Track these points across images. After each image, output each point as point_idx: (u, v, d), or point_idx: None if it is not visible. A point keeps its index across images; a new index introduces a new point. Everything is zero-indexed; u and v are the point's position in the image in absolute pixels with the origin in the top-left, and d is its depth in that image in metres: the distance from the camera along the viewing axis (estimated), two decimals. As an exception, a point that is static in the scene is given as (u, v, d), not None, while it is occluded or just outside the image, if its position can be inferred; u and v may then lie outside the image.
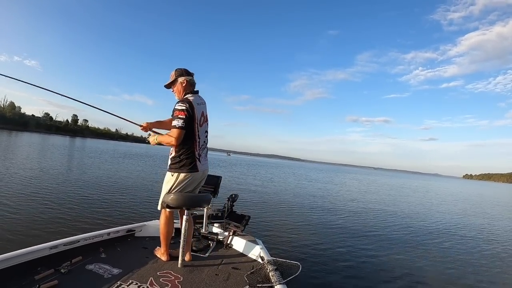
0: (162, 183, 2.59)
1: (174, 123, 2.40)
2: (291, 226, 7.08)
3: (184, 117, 2.39)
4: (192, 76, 2.63)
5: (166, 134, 2.56)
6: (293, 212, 8.98)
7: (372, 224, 8.50)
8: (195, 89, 2.64)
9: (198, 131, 2.53)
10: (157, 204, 2.61)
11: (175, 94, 2.62)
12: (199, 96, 2.62)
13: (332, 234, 6.71)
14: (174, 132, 2.40)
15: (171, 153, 2.56)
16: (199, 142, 2.56)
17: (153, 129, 2.74)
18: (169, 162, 2.56)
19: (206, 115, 2.65)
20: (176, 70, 2.60)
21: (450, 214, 12.87)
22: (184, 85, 2.57)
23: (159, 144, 2.58)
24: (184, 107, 2.41)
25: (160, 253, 2.65)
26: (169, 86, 2.65)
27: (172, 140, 2.41)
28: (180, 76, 2.57)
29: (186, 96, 2.54)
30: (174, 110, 2.44)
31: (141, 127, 2.71)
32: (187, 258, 2.65)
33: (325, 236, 6.40)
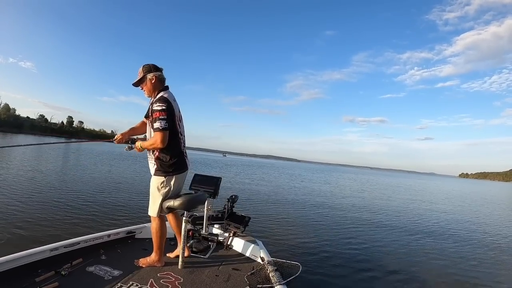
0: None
1: (157, 125, 2.29)
2: (291, 226, 7.09)
3: (165, 117, 2.29)
4: (162, 72, 2.48)
5: (150, 138, 2.42)
6: (293, 213, 9.00)
7: (370, 223, 8.55)
8: (165, 85, 2.51)
9: (180, 128, 2.48)
10: (151, 210, 2.48)
11: (144, 92, 2.48)
12: (171, 92, 2.50)
13: (332, 234, 6.73)
14: (159, 135, 2.28)
15: (155, 155, 2.44)
16: (182, 139, 2.52)
17: (130, 138, 2.62)
18: (156, 165, 2.45)
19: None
20: (143, 66, 2.44)
21: (444, 211, 12.95)
22: (153, 81, 2.42)
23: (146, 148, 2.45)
24: (164, 107, 2.30)
25: (156, 260, 2.51)
26: (137, 84, 2.49)
27: (158, 144, 2.30)
28: (149, 73, 2.42)
29: (161, 94, 2.42)
30: (153, 111, 2.32)
31: (115, 141, 2.58)
32: (186, 253, 2.65)
33: (325, 237, 6.43)
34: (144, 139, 2.60)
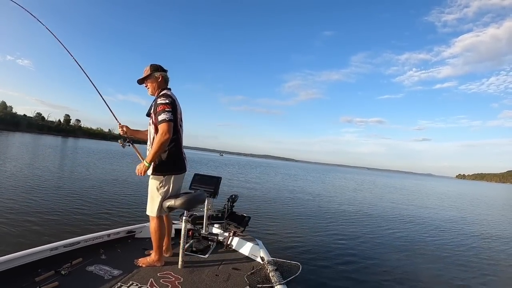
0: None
1: (163, 116, 2.27)
2: (291, 226, 7.10)
3: (171, 110, 2.31)
4: (167, 72, 2.57)
5: (157, 135, 2.30)
6: (293, 213, 9.01)
7: (370, 223, 8.60)
8: (168, 86, 2.57)
9: (180, 128, 2.51)
10: (149, 210, 2.47)
11: (148, 89, 2.53)
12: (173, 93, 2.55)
13: (332, 234, 6.75)
14: (165, 125, 2.25)
15: None
16: (181, 139, 2.54)
17: (130, 136, 2.66)
18: (156, 165, 2.42)
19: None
20: (151, 65, 2.51)
21: (441, 212, 13.05)
22: (159, 80, 2.49)
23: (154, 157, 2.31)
24: (168, 101, 2.35)
25: (156, 259, 2.50)
26: (142, 81, 2.54)
27: (165, 134, 2.24)
28: (156, 71, 2.49)
29: (165, 91, 2.46)
30: (159, 104, 2.33)
31: (119, 126, 2.65)
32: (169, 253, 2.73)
33: (325, 236, 6.44)
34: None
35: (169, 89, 2.55)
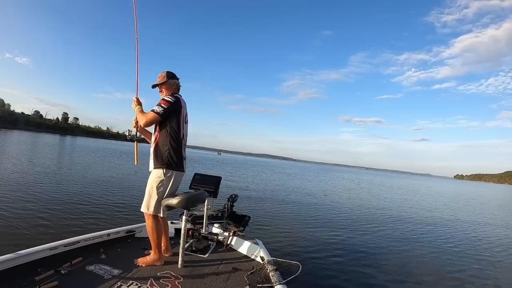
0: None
1: (155, 108, 2.45)
2: (291, 226, 7.11)
3: (166, 107, 2.45)
4: (179, 80, 2.73)
5: (146, 113, 2.54)
6: (292, 212, 9.03)
7: (368, 222, 8.62)
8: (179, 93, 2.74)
9: (183, 129, 2.56)
10: (145, 206, 2.49)
11: (162, 93, 2.66)
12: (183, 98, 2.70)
13: (332, 233, 6.77)
14: (150, 115, 2.45)
15: (157, 148, 2.49)
16: (184, 140, 2.59)
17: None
18: (157, 158, 2.47)
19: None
20: (167, 72, 2.66)
21: (439, 212, 13.11)
22: (174, 87, 2.65)
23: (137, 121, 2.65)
24: (171, 100, 2.48)
25: (156, 259, 2.50)
26: (157, 85, 2.67)
27: (143, 120, 2.49)
28: (172, 79, 2.64)
29: (175, 94, 2.62)
30: (162, 99, 2.51)
31: (135, 120, 2.73)
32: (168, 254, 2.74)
33: (325, 236, 6.46)
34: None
35: (180, 95, 2.68)
